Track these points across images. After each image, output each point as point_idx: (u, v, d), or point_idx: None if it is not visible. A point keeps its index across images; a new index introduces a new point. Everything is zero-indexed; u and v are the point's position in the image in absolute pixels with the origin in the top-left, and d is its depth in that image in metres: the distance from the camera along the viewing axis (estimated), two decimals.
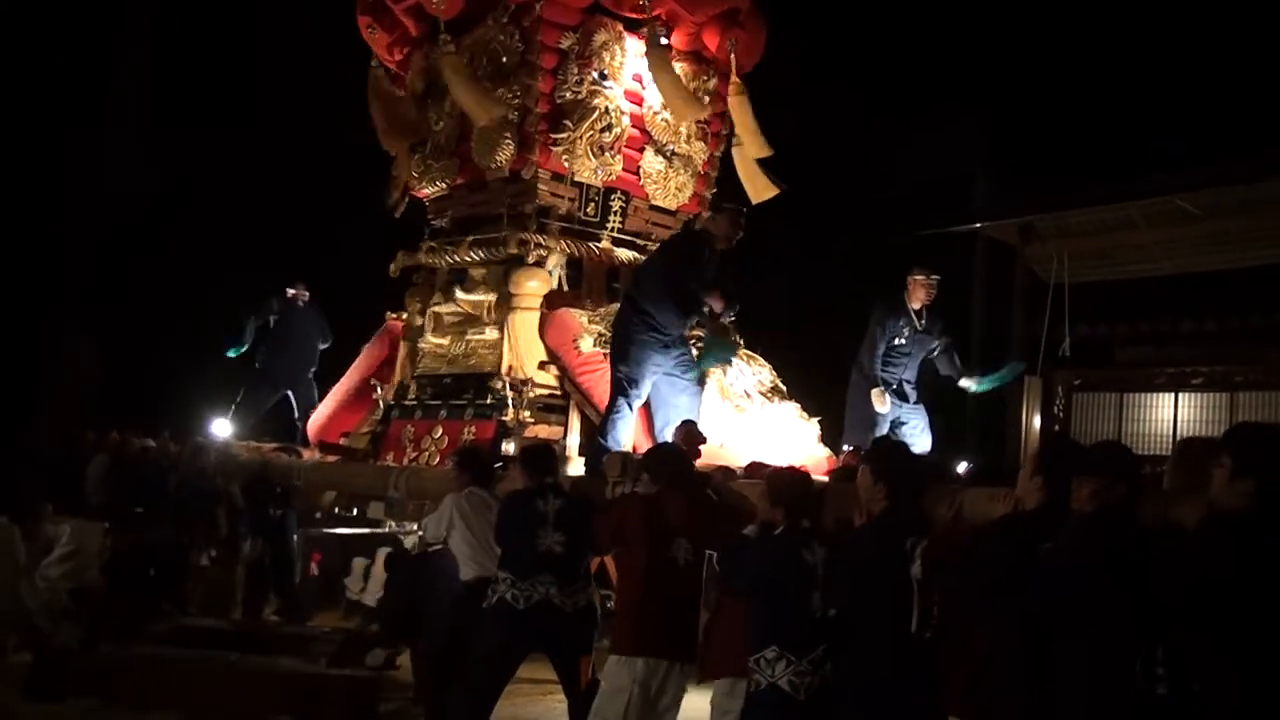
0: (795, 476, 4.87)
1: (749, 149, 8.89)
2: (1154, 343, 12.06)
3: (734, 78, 8.89)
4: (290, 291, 10.75)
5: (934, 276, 7.97)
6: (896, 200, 15.79)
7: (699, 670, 5.12)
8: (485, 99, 8.43)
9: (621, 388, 6.97)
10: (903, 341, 7.84)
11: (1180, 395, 11.49)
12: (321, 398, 10.17)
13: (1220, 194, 10.61)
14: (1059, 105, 15.94)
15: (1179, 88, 14.86)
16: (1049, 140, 15.55)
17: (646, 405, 7.14)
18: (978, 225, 12.61)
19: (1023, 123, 15.72)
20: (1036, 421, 11.90)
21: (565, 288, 8.71)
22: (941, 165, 15.92)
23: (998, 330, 13.11)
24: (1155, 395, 11.65)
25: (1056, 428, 11.94)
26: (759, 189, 8.97)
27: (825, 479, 5.86)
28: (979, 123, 15.75)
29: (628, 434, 6.96)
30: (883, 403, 7.67)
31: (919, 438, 7.76)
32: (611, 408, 7.01)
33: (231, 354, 10.84)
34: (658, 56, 8.48)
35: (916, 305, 7.95)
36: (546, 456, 6.04)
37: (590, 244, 8.76)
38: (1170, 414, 11.51)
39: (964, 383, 8.17)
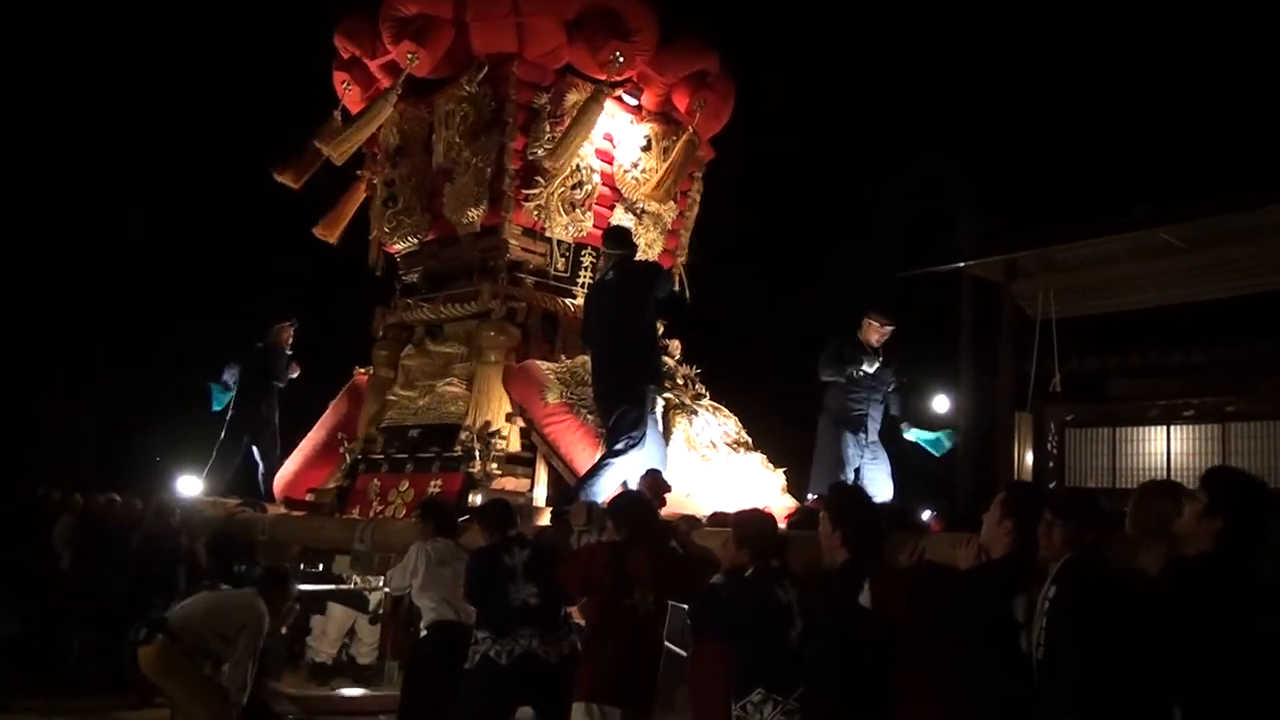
0: (760, 518, 4.90)
1: (650, 189, 8.97)
2: (1145, 375, 12.06)
3: (692, 128, 8.98)
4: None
5: (888, 326, 8.11)
6: (879, 241, 15.90)
7: None
8: (344, 144, 8.65)
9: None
10: (862, 373, 7.91)
11: (1172, 428, 11.47)
12: (288, 454, 10.08)
13: (1202, 226, 10.62)
14: (1041, 141, 16.16)
15: (1160, 121, 15.09)
16: (1032, 176, 15.72)
17: None
18: (962, 264, 12.68)
19: (1005, 160, 15.88)
20: (1029, 458, 11.88)
21: (532, 341, 8.68)
22: (924, 205, 16.03)
23: (986, 368, 13.14)
24: (1148, 429, 11.63)
25: (1051, 465, 11.93)
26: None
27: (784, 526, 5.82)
28: (961, 161, 15.85)
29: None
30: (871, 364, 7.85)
31: (880, 485, 7.77)
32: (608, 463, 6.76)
33: (217, 407, 10.70)
34: (588, 106, 8.46)
35: (874, 343, 8.08)
36: (504, 511, 6.06)
37: (563, 299, 8.79)
38: (1163, 447, 11.49)
39: (903, 425, 8.20)
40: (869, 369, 7.91)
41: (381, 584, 7.87)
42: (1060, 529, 3.76)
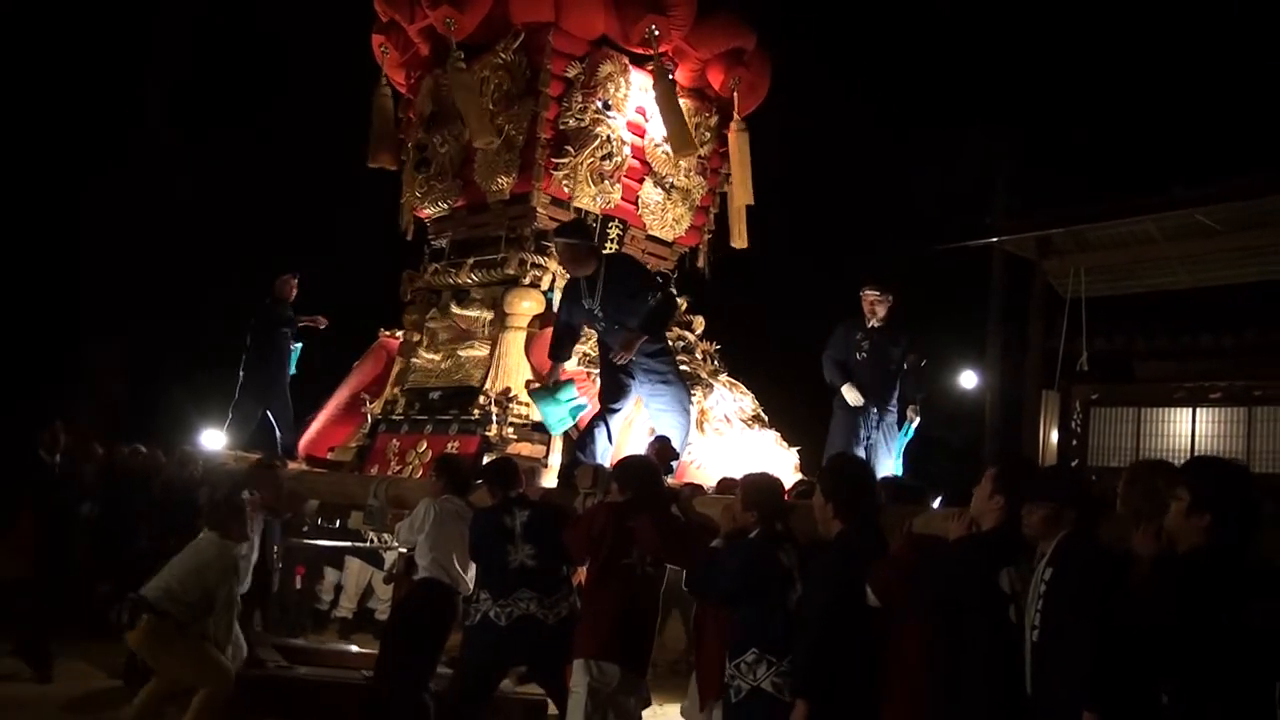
0: (768, 480, 4.92)
1: (735, 194, 9.00)
2: (1173, 357, 12.01)
3: (736, 116, 9.02)
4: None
5: (873, 292, 8.06)
6: (913, 216, 15.85)
7: (698, 695, 5.09)
8: (487, 123, 8.54)
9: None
10: (862, 356, 7.89)
11: (1198, 410, 11.43)
12: (312, 414, 10.15)
13: (1238, 208, 10.56)
14: (1078, 120, 16.03)
15: (1197, 102, 14.91)
16: (1068, 154, 15.61)
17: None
18: (995, 239, 12.61)
19: (1041, 137, 15.78)
20: (1054, 436, 11.85)
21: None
22: (959, 180, 15.96)
23: (1015, 345, 13.09)
24: (1173, 410, 11.60)
25: (1075, 444, 11.89)
26: (740, 234, 9.10)
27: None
28: (997, 138, 15.76)
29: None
30: (854, 396, 7.77)
31: (884, 460, 7.78)
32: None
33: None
34: (665, 89, 8.59)
35: (872, 321, 8.01)
36: (509, 470, 6.12)
37: None
38: (1188, 429, 11.45)
39: (910, 410, 8.12)
40: (852, 397, 7.87)
41: (395, 542, 7.97)
42: (1038, 509, 3.78)
